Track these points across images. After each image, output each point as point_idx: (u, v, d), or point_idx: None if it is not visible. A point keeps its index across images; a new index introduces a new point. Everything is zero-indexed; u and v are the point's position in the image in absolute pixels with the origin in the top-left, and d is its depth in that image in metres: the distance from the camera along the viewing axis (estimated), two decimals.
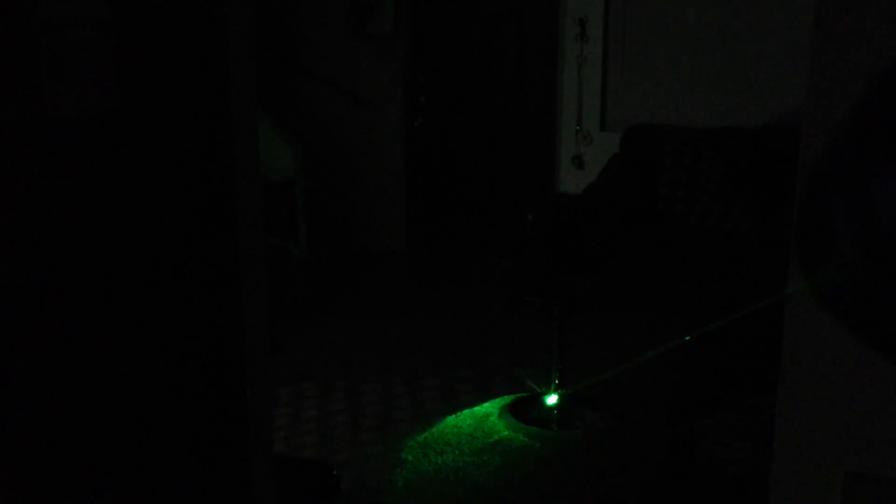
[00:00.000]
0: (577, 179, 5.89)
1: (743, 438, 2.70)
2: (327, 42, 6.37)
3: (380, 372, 4.53)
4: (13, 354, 1.44)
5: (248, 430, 1.98)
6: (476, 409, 4.15)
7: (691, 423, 2.99)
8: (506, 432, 3.93)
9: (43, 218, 1.47)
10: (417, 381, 4.43)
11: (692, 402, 3.43)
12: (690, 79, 5.55)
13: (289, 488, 2.42)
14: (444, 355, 4.73)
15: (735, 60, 5.42)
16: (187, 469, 1.87)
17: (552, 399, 4.06)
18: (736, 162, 5.09)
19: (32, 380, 1.48)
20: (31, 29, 1.40)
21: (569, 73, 5.87)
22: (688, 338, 3.38)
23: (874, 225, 0.80)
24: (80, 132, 1.52)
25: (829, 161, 0.90)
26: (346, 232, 6.60)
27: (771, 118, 5.31)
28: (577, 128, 5.88)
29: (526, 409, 4.14)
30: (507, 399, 4.24)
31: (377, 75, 6.31)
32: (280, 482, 2.23)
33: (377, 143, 6.42)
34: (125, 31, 1.59)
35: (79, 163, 1.53)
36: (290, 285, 5.29)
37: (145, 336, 1.72)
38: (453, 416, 4.08)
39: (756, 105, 5.36)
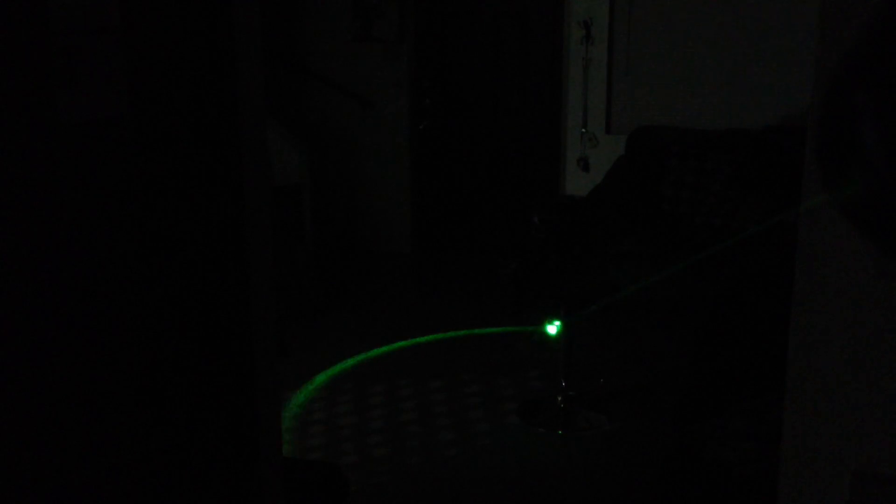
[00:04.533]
0: (582, 181, 5.90)
1: (750, 440, 2.70)
2: (333, 46, 6.39)
3: (386, 374, 4.54)
4: (27, 357, 1.45)
5: (256, 433, 1.99)
6: (482, 409, 4.16)
7: (697, 424, 2.99)
8: (512, 433, 3.94)
9: (54, 222, 1.48)
10: (424, 383, 4.44)
11: (698, 403, 3.42)
12: (695, 81, 5.55)
13: (297, 490, 2.43)
14: (450, 357, 4.74)
15: (740, 62, 5.42)
16: (196, 471, 1.88)
17: (552, 328, 4.07)
18: (741, 163, 5.09)
19: (41, 382, 1.49)
20: (43, 35, 1.41)
21: (574, 76, 5.88)
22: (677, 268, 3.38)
23: None
24: (90, 137, 1.53)
25: (854, 57, 0.85)
26: (352, 234, 6.61)
27: (775, 119, 5.31)
28: (583, 130, 5.88)
29: (532, 411, 4.14)
30: (513, 401, 4.24)
31: (383, 78, 6.32)
32: (288, 484, 2.24)
33: (383, 146, 6.43)
34: (135, 37, 1.60)
35: (90, 167, 1.54)
36: (296, 288, 5.30)
37: (153, 339, 1.73)
38: (458, 416, 4.09)
39: (761, 106, 5.36)
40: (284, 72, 6.45)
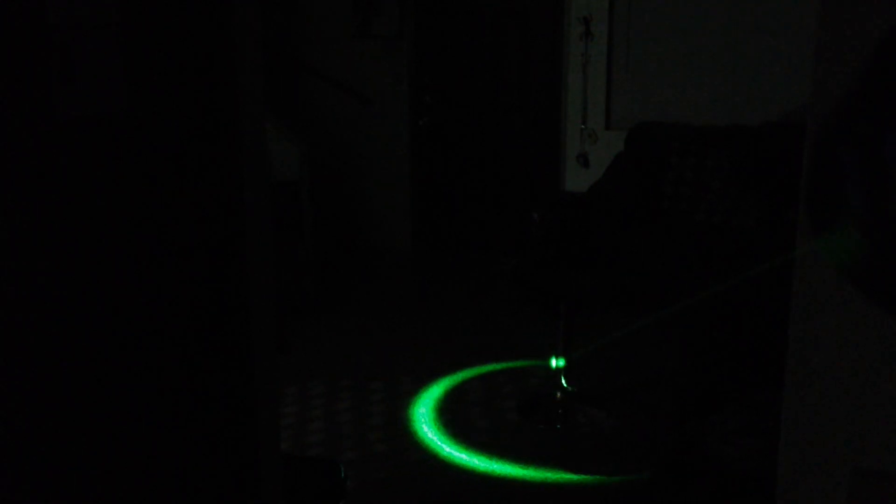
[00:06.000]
0: (582, 178, 5.89)
1: (750, 436, 2.71)
2: (332, 42, 6.38)
3: (386, 370, 4.54)
4: (24, 355, 1.45)
5: (255, 429, 1.99)
6: (481, 406, 4.16)
7: (698, 421, 2.99)
8: (511, 429, 3.94)
9: (52, 218, 1.48)
10: (423, 380, 4.44)
11: (699, 400, 3.43)
12: (695, 76, 5.55)
13: (296, 487, 2.43)
14: (449, 354, 4.73)
15: (740, 58, 5.41)
16: (195, 468, 1.88)
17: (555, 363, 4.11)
18: (741, 159, 5.09)
19: (39, 380, 1.49)
20: (41, 30, 1.41)
21: (574, 72, 5.87)
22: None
23: (886, 179, 0.77)
24: (88, 133, 1.53)
25: (840, 114, 0.87)
26: (351, 231, 6.61)
27: (776, 115, 5.31)
28: (583, 126, 5.88)
29: (532, 407, 4.14)
30: (512, 397, 4.24)
31: (382, 75, 6.31)
32: (287, 481, 2.24)
33: (382, 143, 6.43)
34: (134, 32, 1.60)
35: (88, 163, 1.54)
36: (295, 285, 5.30)
37: (152, 336, 1.73)
38: (458, 412, 4.09)
39: (761, 102, 5.35)
40: (284, 68, 6.44)
